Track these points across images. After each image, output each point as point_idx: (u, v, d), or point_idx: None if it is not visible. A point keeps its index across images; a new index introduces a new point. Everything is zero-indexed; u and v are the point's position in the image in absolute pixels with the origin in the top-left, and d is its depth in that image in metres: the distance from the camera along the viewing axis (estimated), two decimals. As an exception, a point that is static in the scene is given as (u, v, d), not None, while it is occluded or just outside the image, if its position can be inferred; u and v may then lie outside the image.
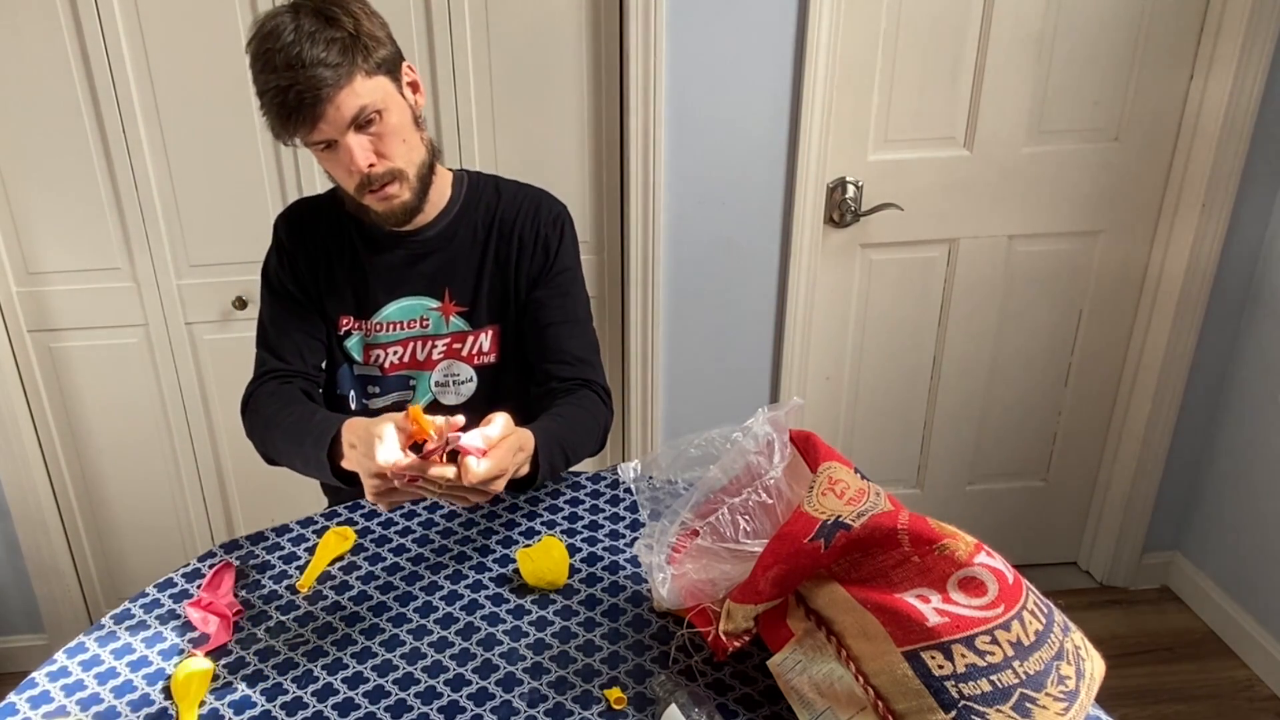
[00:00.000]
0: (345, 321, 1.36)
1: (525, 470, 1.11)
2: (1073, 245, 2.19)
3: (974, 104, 2.03)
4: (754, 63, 1.89)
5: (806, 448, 1.04)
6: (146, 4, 1.78)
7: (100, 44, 1.79)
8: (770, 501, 1.01)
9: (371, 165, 1.18)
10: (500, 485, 1.03)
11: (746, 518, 1.01)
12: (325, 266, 1.35)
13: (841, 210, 2.08)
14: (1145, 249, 2.21)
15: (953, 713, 0.83)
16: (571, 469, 1.46)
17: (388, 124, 1.18)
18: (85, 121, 1.84)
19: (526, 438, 1.10)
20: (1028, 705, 0.83)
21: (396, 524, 1.30)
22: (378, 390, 1.40)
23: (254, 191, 1.93)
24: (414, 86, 1.26)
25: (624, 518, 1.31)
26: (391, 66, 1.20)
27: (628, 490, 1.37)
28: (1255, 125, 2.01)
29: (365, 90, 1.14)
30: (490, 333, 1.38)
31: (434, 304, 1.36)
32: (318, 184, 1.93)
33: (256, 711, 1.00)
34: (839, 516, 0.90)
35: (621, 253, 2.03)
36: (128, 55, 1.81)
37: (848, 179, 2.07)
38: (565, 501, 1.34)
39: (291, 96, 1.10)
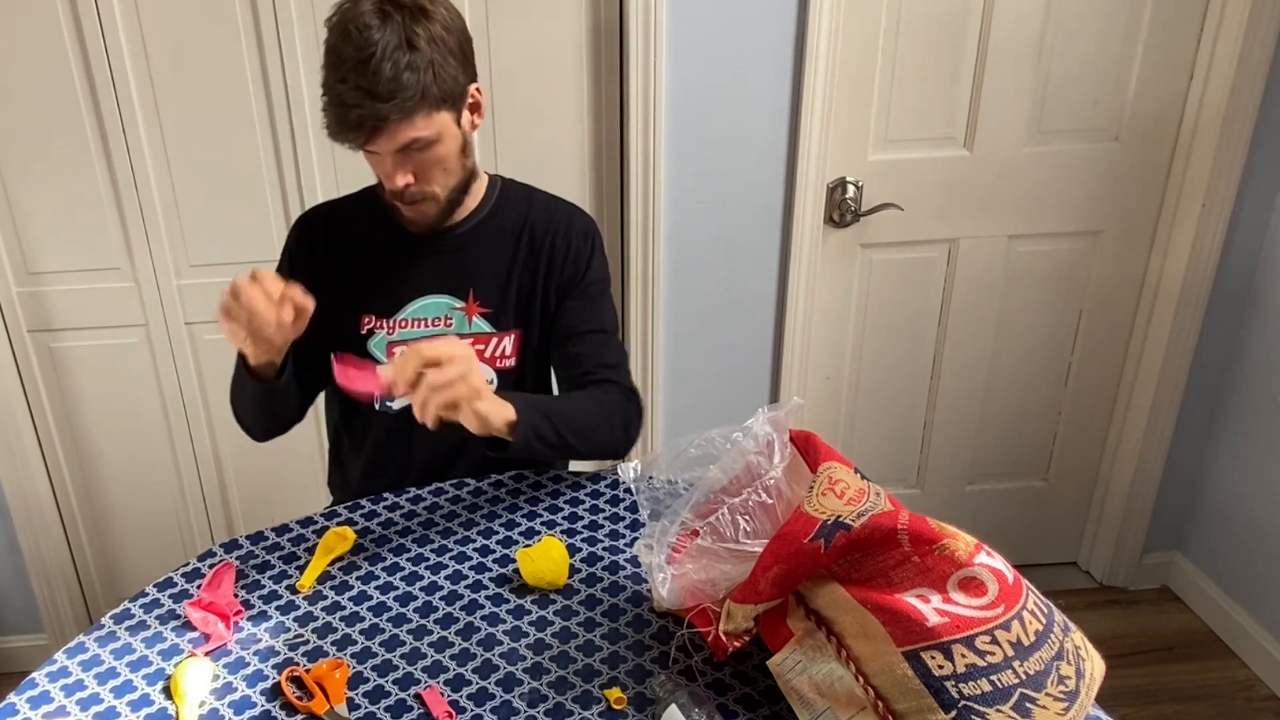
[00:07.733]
0: (367, 321, 1.37)
1: (503, 422, 1.14)
2: (1073, 245, 2.19)
3: (974, 104, 2.03)
4: (754, 63, 1.89)
5: (806, 448, 1.04)
6: (146, 4, 1.78)
7: (100, 44, 1.79)
8: (770, 501, 1.01)
9: (407, 185, 1.22)
10: (444, 371, 1.05)
11: (746, 518, 1.01)
12: (344, 269, 1.37)
13: (841, 210, 2.08)
14: (1145, 249, 2.21)
15: (953, 713, 0.83)
16: (572, 469, 1.46)
17: (434, 154, 1.22)
18: (85, 121, 1.84)
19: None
20: (1028, 705, 0.83)
21: (396, 524, 1.30)
22: None
23: (254, 191, 1.93)
24: (475, 108, 1.27)
25: (624, 518, 1.31)
26: (457, 97, 1.21)
27: (628, 490, 1.37)
28: (1255, 125, 2.01)
29: (423, 125, 1.17)
30: (513, 337, 1.39)
31: (458, 303, 1.37)
32: (318, 184, 1.93)
33: (256, 711, 1.00)
34: (839, 516, 0.90)
35: (621, 253, 2.03)
36: (128, 55, 1.81)
37: (848, 179, 2.07)
38: (565, 501, 1.34)
39: (353, 117, 1.14)
